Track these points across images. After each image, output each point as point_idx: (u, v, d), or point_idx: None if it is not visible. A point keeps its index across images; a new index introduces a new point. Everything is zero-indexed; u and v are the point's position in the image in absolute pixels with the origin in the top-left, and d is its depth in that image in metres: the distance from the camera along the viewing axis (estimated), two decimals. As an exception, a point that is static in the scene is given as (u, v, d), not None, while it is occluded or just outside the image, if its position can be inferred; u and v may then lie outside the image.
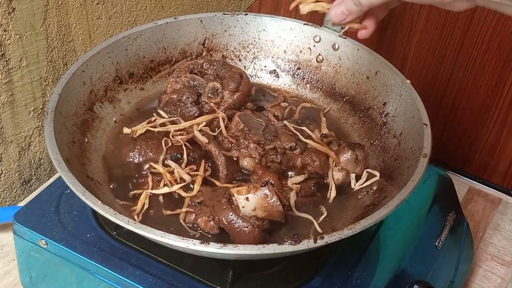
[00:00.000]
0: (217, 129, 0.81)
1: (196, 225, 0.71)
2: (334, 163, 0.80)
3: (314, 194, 0.78)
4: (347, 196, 0.79)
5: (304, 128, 0.84)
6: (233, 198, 0.70)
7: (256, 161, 0.77)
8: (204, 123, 0.81)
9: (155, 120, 0.83)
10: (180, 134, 0.80)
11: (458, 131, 1.24)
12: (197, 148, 0.80)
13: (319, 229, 0.72)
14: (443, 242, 0.85)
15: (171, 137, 0.79)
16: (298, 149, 0.79)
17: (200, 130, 0.80)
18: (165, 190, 0.74)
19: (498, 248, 1.00)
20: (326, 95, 0.95)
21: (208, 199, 0.71)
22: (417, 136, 0.76)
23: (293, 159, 0.79)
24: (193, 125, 0.81)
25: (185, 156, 0.77)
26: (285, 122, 0.85)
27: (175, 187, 0.74)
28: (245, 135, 0.78)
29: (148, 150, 0.79)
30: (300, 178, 0.77)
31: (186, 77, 0.87)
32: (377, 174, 0.79)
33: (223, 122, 0.81)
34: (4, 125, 0.91)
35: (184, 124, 0.81)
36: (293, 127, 0.83)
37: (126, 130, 0.82)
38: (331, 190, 0.78)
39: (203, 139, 0.79)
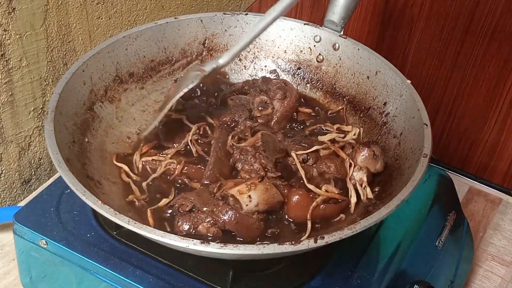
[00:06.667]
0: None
1: (195, 232, 0.69)
2: (352, 166, 0.77)
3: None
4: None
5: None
6: (230, 199, 0.69)
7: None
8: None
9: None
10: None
11: (458, 131, 1.24)
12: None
13: None
14: (444, 242, 0.85)
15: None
16: (311, 159, 0.78)
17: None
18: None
19: (499, 248, 1.00)
20: (326, 95, 0.95)
21: (201, 204, 0.70)
22: (417, 136, 0.75)
23: (308, 171, 0.77)
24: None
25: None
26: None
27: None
28: (255, 153, 0.77)
29: None
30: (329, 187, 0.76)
31: (231, 99, 0.88)
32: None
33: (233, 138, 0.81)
34: (4, 125, 0.91)
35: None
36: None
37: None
38: (351, 197, 0.75)
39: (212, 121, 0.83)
